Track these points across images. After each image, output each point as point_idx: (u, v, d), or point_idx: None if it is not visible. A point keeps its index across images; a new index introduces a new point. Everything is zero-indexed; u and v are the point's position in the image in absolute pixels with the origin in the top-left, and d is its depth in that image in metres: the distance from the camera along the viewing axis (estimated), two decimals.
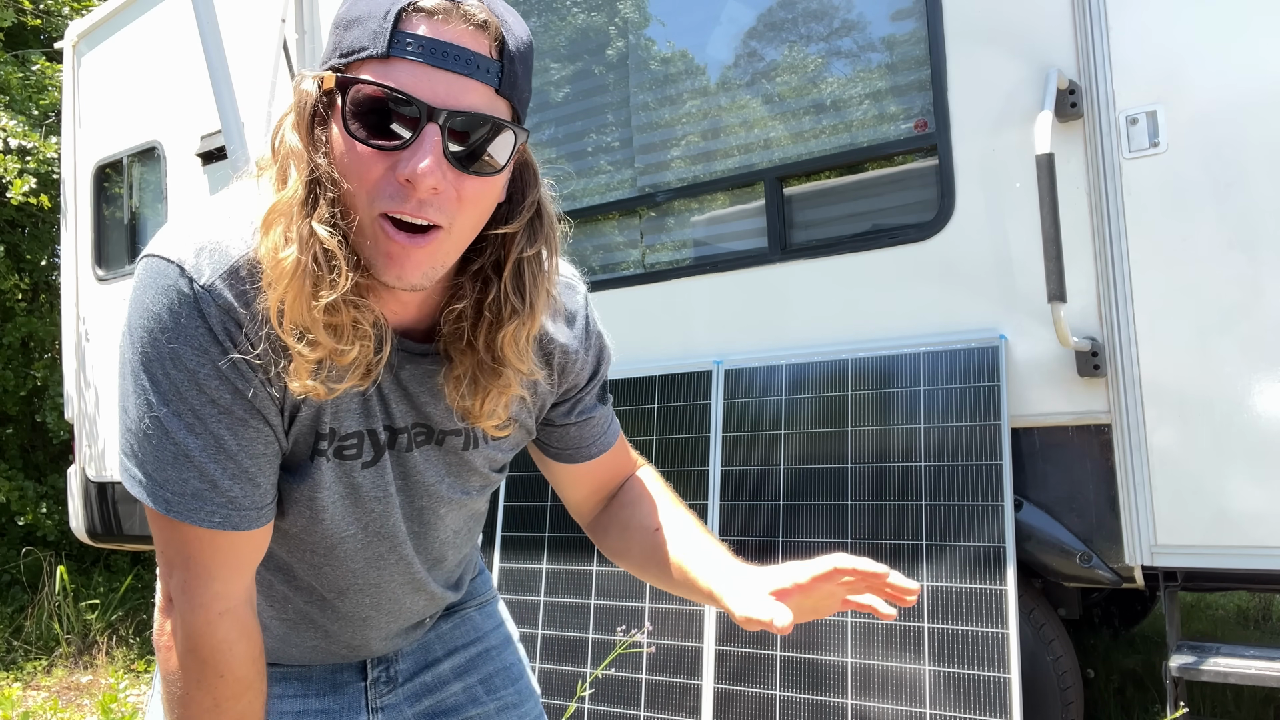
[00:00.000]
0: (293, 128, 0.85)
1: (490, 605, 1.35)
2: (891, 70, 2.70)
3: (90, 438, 4.96)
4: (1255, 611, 4.51)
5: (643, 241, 3.16)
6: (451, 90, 0.80)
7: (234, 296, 0.85)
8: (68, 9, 7.19)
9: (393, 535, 1.05)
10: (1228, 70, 2.18)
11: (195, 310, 0.84)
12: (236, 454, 0.89)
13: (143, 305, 0.86)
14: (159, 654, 0.95)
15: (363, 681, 1.20)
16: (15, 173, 5.70)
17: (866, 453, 2.54)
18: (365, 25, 0.81)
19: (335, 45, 0.85)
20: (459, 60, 0.80)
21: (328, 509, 0.98)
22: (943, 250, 2.53)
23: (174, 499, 0.88)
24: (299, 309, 0.82)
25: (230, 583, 0.93)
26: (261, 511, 0.93)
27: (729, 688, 2.64)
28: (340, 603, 1.08)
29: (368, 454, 0.98)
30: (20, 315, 6.83)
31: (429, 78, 0.80)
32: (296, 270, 0.81)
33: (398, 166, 0.81)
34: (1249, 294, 2.15)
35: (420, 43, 0.79)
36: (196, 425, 0.87)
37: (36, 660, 4.94)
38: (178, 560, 0.92)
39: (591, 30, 3.26)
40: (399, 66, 0.80)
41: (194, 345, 0.85)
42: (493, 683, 1.28)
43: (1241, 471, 2.15)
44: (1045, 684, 2.45)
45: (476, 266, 0.94)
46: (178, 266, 0.85)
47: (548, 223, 0.95)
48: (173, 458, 0.87)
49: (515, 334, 0.93)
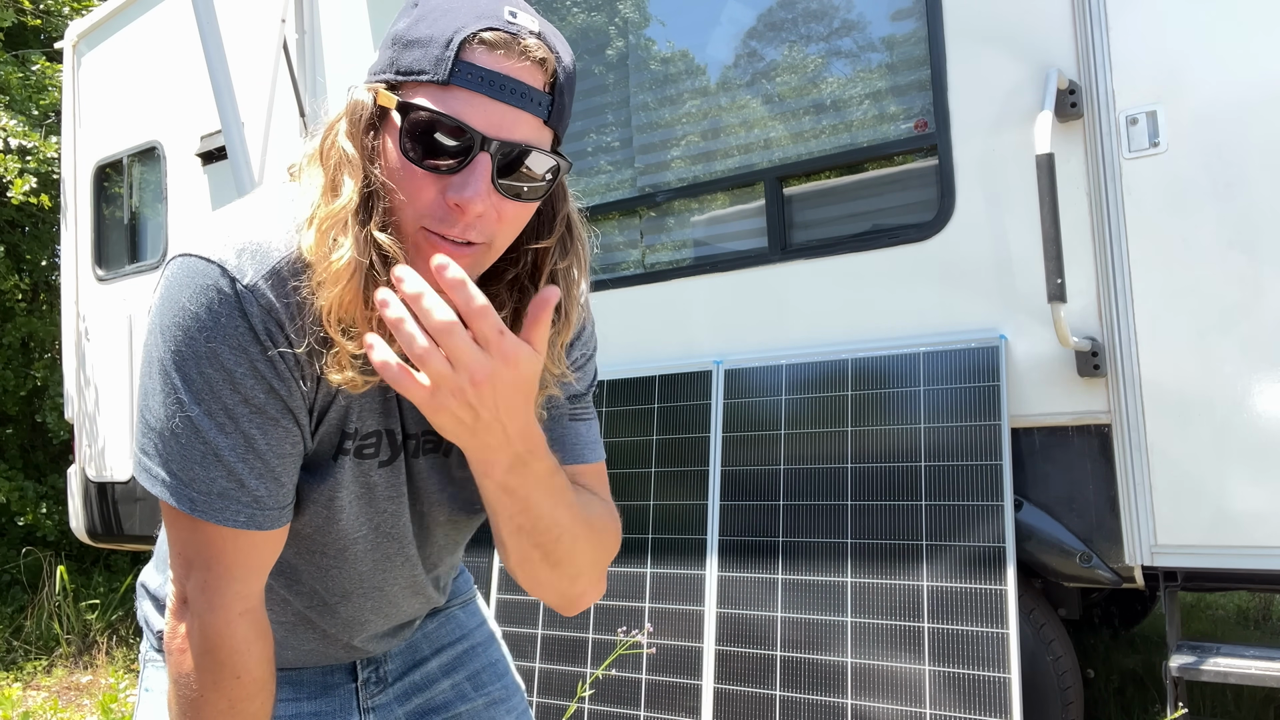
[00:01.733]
0: (347, 136, 0.87)
1: (472, 603, 1.37)
2: (891, 70, 2.70)
3: (90, 437, 4.96)
4: (1255, 611, 4.51)
5: (643, 241, 3.16)
6: (505, 121, 0.84)
7: (276, 296, 0.87)
8: (68, 9, 7.19)
9: (401, 536, 1.06)
10: (1228, 70, 2.18)
11: (238, 310, 0.86)
12: (265, 453, 0.90)
13: (178, 304, 0.87)
14: (170, 657, 0.95)
15: (353, 683, 1.20)
16: (15, 172, 5.70)
17: (866, 453, 2.54)
18: (427, 49, 0.84)
19: (391, 61, 0.87)
20: (515, 94, 0.84)
21: (345, 508, 1.00)
22: (943, 250, 2.53)
23: (199, 498, 0.89)
24: (353, 308, 0.85)
25: (250, 583, 0.94)
26: (284, 511, 0.94)
27: (729, 688, 2.64)
28: (342, 605, 1.09)
29: (385, 453, 1.00)
30: (20, 315, 6.83)
31: (485, 108, 0.83)
32: (354, 273, 0.84)
33: (449, 190, 0.84)
34: (1249, 294, 2.15)
35: (480, 74, 0.83)
36: (228, 425, 0.88)
37: (36, 660, 4.94)
38: (198, 560, 0.92)
39: (591, 30, 3.26)
40: (457, 95, 0.83)
41: (233, 344, 0.86)
42: (480, 679, 1.29)
43: (1241, 471, 2.15)
44: (1045, 684, 2.46)
45: (512, 276, 0.97)
46: (219, 266, 0.86)
47: (578, 237, 0.99)
48: (201, 457, 0.88)
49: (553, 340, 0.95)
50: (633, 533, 2.91)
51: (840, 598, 2.52)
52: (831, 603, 2.53)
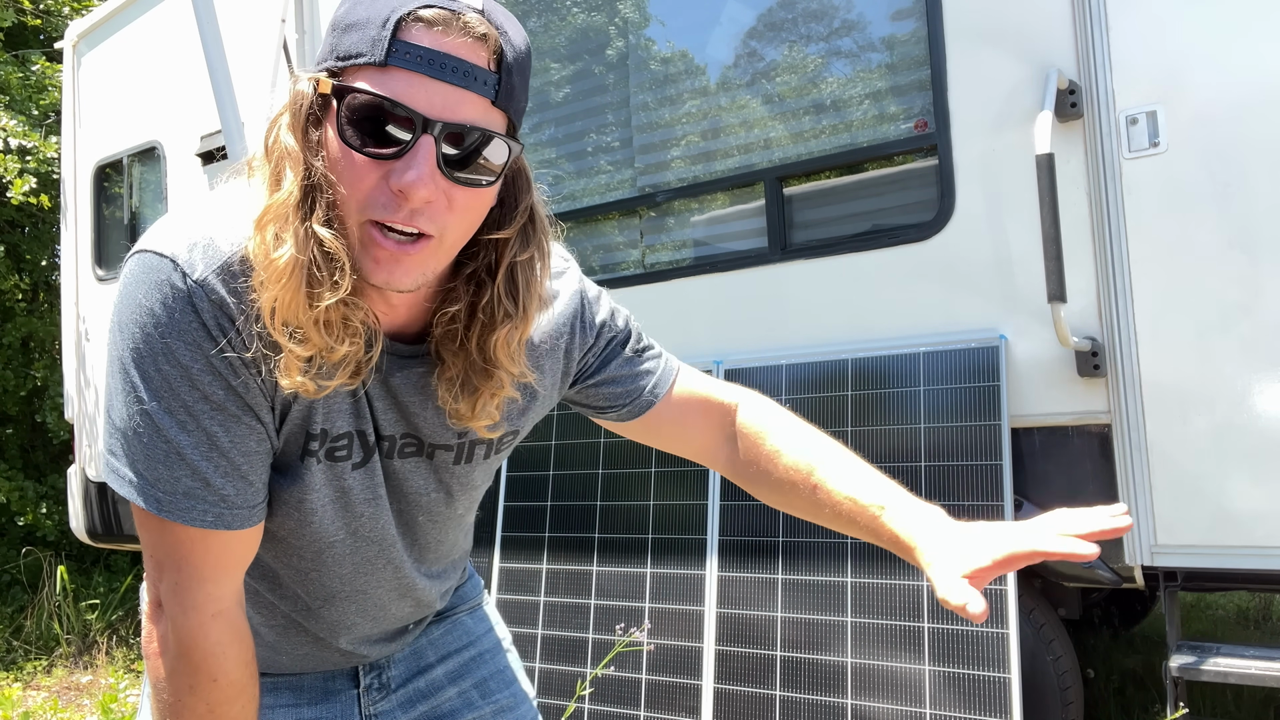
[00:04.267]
0: (289, 128, 0.84)
1: (481, 609, 1.34)
2: (891, 70, 2.70)
3: (90, 437, 4.96)
4: (1255, 611, 4.51)
5: (643, 241, 3.16)
6: (448, 102, 0.80)
7: (227, 292, 0.85)
8: (68, 9, 7.19)
9: (381, 539, 1.04)
10: (1228, 70, 2.18)
11: (189, 305, 0.84)
12: (229, 451, 0.88)
13: (134, 300, 0.85)
14: (148, 661, 0.94)
15: (355, 689, 1.19)
16: (15, 172, 5.70)
17: (867, 453, 2.53)
18: (364, 31, 0.81)
19: (332, 48, 0.84)
20: (456, 72, 0.80)
21: (317, 511, 0.98)
22: (943, 250, 2.53)
23: (165, 498, 0.87)
24: (294, 308, 0.82)
25: (222, 584, 0.92)
26: (254, 510, 0.92)
27: (729, 688, 2.64)
28: (326, 609, 1.07)
29: (358, 455, 0.98)
30: (20, 315, 6.82)
31: (425, 88, 0.80)
32: (294, 270, 0.81)
33: (391, 176, 0.81)
34: (1249, 294, 2.15)
35: (419, 53, 0.79)
36: (189, 422, 0.86)
37: (36, 660, 4.94)
38: (169, 562, 0.91)
39: (591, 30, 3.26)
40: (396, 76, 0.80)
41: (187, 340, 0.84)
42: (487, 686, 1.27)
43: (1241, 471, 2.15)
44: (1045, 684, 2.45)
45: (470, 270, 0.94)
46: (170, 261, 0.84)
47: (540, 228, 0.95)
48: (164, 456, 0.86)
49: (508, 337, 0.93)
50: (633, 533, 2.91)
51: (840, 598, 2.52)
52: (831, 603, 2.53)
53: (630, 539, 2.90)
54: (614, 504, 2.95)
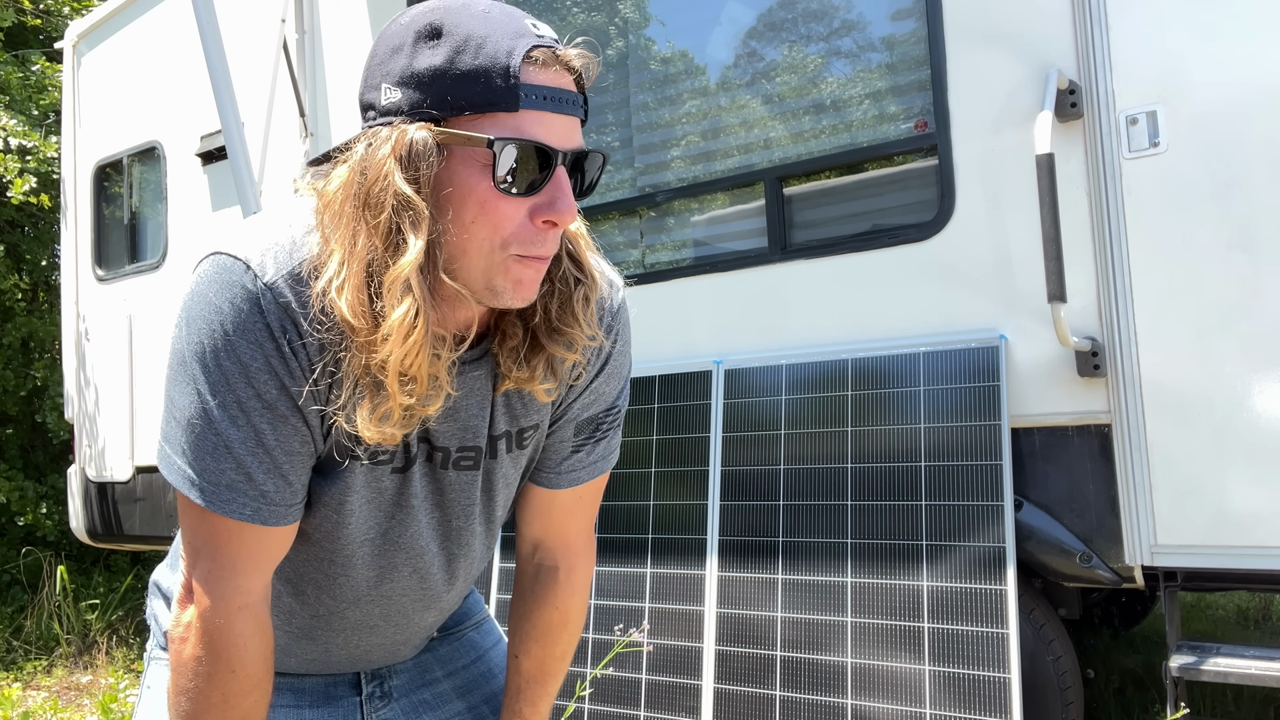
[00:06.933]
0: (407, 183, 0.84)
1: (487, 623, 1.36)
2: (891, 70, 2.70)
3: (90, 437, 4.96)
4: (1255, 611, 4.51)
5: (643, 241, 3.16)
6: (567, 131, 0.88)
7: (294, 296, 0.89)
8: (68, 9, 7.19)
9: (410, 546, 1.06)
10: (1228, 70, 2.18)
11: (256, 305, 0.88)
12: (273, 449, 0.92)
13: (204, 298, 0.89)
14: (172, 645, 0.97)
15: (357, 696, 1.20)
16: (15, 172, 5.70)
17: (866, 453, 2.54)
18: (486, 81, 0.83)
19: (443, 96, 0.84)
20: (569, 104, 0.88)
21: (355, 513, 1.00)
22: (943, 250, 2.53)
23: (209, 489, 0.91)
24: (419, 362, 0.86)
25: (252, 578, 0.96)
26: (290, 510, 0.95)
27: (729, 688, 2.64)
28: (349, 612, 1.09)
29: (399, 460, 1.00)
30: (20, 315, 6.82)
31: (552, 125, 0.86)
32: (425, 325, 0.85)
33: (536, 211, 0.87)
34: (1249, 294, 2.15)
35: (543, 93, 0.85)
36: (240, 418, 0.90)
37: (36, 660, 4.94)
38: (205, 550, 0.94)
39: (591, 30, 3.26)
40: (527, 117, 0.85)
41: (250, 339, 0.88)
42: (498, 702, 1.28)
43: (1241, 471, 2.15)
44: (1045, 684, 2.45)
45: None
46: (243, 263, 0.89)
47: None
48: (213, 448, 0.90)
49: (586, 297, 0.98)
50: (633, 533, 2.91)
51: (840, 598, 2.52)
52: (831, 603, 2.53)
53: (630, 539, 2.90)
54: (614, 504, 2.95)
